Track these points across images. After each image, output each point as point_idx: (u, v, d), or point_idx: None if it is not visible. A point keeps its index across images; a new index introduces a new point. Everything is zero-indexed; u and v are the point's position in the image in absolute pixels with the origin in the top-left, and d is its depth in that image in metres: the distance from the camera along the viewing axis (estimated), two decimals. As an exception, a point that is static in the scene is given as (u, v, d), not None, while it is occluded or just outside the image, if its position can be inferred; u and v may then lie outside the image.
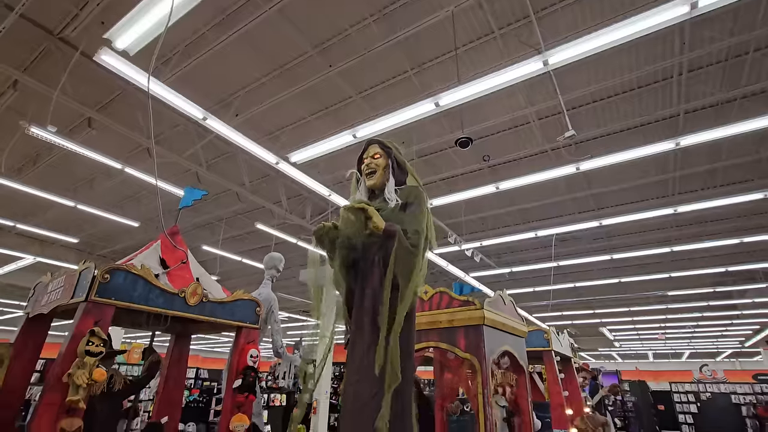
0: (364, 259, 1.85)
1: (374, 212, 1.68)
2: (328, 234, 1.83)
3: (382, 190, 2.00)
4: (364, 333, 1.69)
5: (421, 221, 1.79)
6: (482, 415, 2.00)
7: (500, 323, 2.34)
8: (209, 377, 14.31)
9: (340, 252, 1.82)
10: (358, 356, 1.67)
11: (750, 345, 19.27)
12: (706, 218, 9.32)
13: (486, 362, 2.09)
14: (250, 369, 2.61)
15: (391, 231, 1.69)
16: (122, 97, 6.58)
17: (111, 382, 2.34)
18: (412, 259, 1.67)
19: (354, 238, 1.77)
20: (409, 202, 1.89)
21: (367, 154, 2.09)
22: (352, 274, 1.88)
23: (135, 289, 2.23)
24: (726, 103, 6.51)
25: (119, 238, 12.08)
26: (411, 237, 1.71)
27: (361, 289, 1.79)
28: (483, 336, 2.14)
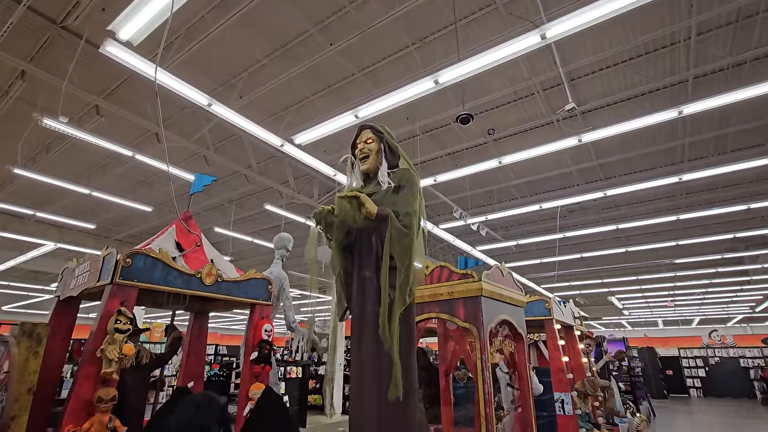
0: (360, 242, 1.95)
1: (366, 199, 1.77)
2: (325, 218, 1.92)
3: (376, 173, 2.09)
4: (364, 313, 1.80)
5: (413, 203, 1.89)
6: (480, 378, 2.16)
7: (498, 294, 2.46)
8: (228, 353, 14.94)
9: (336, 235, 1.92)
10: (360, 336, 1.78)
11: (761, 310, 19.30)
12: (717, 185, 9.23)
13: (484, 331, 2.23)
14: (265, 342, 2.80)
15: (383, 215, 1.78)
16: (128, 84, 6.66)
17: (139, 356, 2.55)
18: (406, 239, 1.77)
19: (349, 223, 1.86)
20: (401, 185, 1.97)
21: (360, 139, 2.17)
22: (349, 257, 1.99)
23: (155, 271, 2.39)
24: (736, 66, 6.35)
25: (134, 222, 12.41)
26: (403, 219, 1.81)
27: (359, 271, 1.91)
28: (481, 306, 2.27)
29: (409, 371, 1.69)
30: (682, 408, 12.66)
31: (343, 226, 1.87)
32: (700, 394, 15.59)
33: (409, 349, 1.75)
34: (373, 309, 1.77)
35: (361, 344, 1.78)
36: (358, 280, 1.89)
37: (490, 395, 2.11)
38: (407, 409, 1.65)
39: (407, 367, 1.67)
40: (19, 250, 12.70)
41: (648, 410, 8.42)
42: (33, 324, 2.43)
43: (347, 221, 1.83)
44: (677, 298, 17.12)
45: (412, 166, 2.12)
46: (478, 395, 2.13)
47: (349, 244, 1.98)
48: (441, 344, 3.06)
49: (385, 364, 1.64)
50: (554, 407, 3.42)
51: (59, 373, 2.89)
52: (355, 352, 1.82)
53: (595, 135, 5.88)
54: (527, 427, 2.52)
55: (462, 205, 9.96)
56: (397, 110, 6.24)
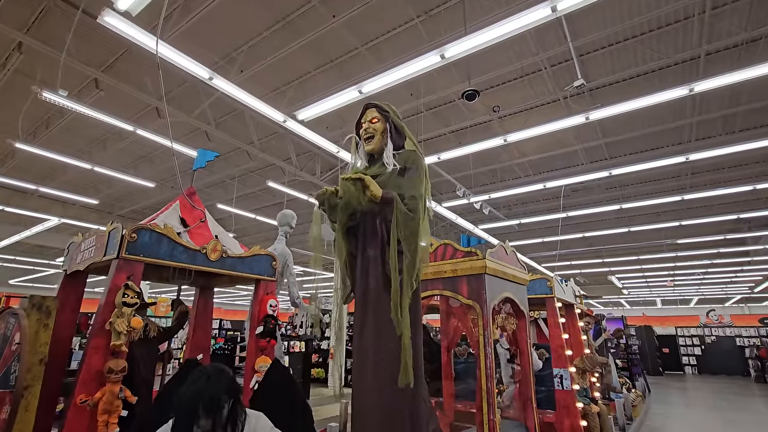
0: (364, 225, 1.91)
1: (371, 181, 1.73)
2: (328, 200, 1.86)
3: (381, 154, 2.03)
4: (369, 297, 1.77)
5: (419, 186, 1.84)
6: (483, 353, 2.19)
7: (501, 272, 2.48)
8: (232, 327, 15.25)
9: (340, 218, 1.87)
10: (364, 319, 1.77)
11: (760, 290, 19.45)
12: (723, 165, 9.13)
13: (487, 307, 2.25)
14: (270, 317, 2.84)
15: (388, 198, 1.74)
16: (127, 56, 6.53)
17: (146, 329, 2.59)
18: (412, 223, 1.74)
19: (353, 206, 1.80)
20: (407, 167, 1.92)
21: (365, 118, 2.08)
22: (353, 240, 1.95)
23: (160, 246, 2.40)
24: (751, 43, 6.16)
25: (136, 198, 12.42)
26: (408, 202, 1.77)
27: (364, 254, 1.88)
28: (484, 284, 2.29)
29: (417, 356, 1.68)
30: (676, 384, 12.95)
31: (347, 208, 1.81)
32: (694, 371, 15.93)
33: (417, 334, 1.74)
34: (377, 293, 1.75)
35: (366, 327, 1.75)
36: (363, 264, 1.86)
37: (491, 370, 2.15)
38: (415, 394, 1.64)
39: (416, 352, 1.67)
40: (24, 225, 12.78)
41: (643, 386, 8.62)
42: (42, 297, 2.46)
43: (351, 204, 1.78)
44: (677, 278, 17.26)
45: (418, 147, 2.05)
46: (480, 370, 2.17)
47: (353, 227, 1.95)
48: (443, 320, 3.10)
49: (389, 348, 1.63)
50: (553, 382, 3.50)
51: (69, 345, 2.95)
52: (357, 335, 1.80)
53: (603, 113, 5.78)
54: (527, 401, 2.58)
55: (465, 183, 9.91)
56: (401, 86, 6.12)
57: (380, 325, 1.69)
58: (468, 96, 5.26)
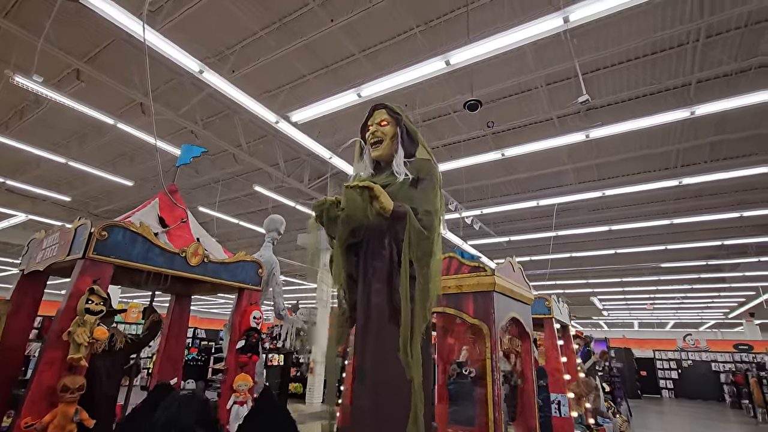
0: (369, 244, 1.63)
1: (381, 191, 1.48)
2: (328, 211, 1.61)
3: (389, 162, 1.77)
4: (371, 328, 1.49)
5: (434, 200, 1.61)
6: (490, 379, 1.99)
7: (509, 290, 2.30)
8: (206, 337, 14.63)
9: (340, 233, 1.60)
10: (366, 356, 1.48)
11: (733, 316, 19.91)
12: (707, 191, 9.29)
13: (495, 328, 2.06)
14: (254, 330, 2.59)
15: (400, 212, 1.49)
16: (112, 48, 6.24)
17: (112, 340, 2.30)
18: (427, 243, 1.49)
19: (357, 219, 1.55)
20: (420, 178, 1.67)
21: (373, 120, 1.82)
22: (353, 260, 1.66)
23: (134, 247, 2.14)
24: (740, 73, 6.31)
25: (112, 197, 11.90)
26: (423, 218, 1.52)
27: (366, 277, 1.59)
28: (493, 302, 2.11)
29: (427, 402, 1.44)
30: (655, 408, 12.94)
31: (350, 222, 1.56)
32: (671, 395, 16.01)
33: (428, 375, 1.50)
34: (381, 325, 1.48)
35: (366, 365, 1.47)
36: (365, 289, 1.57)
37: (499, 398, 1.96)
38: None
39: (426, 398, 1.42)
40: (-13, 220, 12.08)
41: (627, 410, 8.53)
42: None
43: (355, 217, 1.53)
44: (657, 301, 17.49)
45: (432, 156, 1.80)
46: (487, 397, 1.97)
47: (354, 245, 1.66)
48: (440, 338, 2.91)
49: (395, 393, 1.38)
50: (550, 408, 3.32)
51: (22, 352, 2.64)
52: (359, 372, 1.51)
53: (600, 132, 5.76)
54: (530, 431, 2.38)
55: (456, 197, 9.83)
56: (397, 95, 6.00)
57: (384, 364, 1.42)
58: (470, 106, 5.17)
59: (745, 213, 8.17)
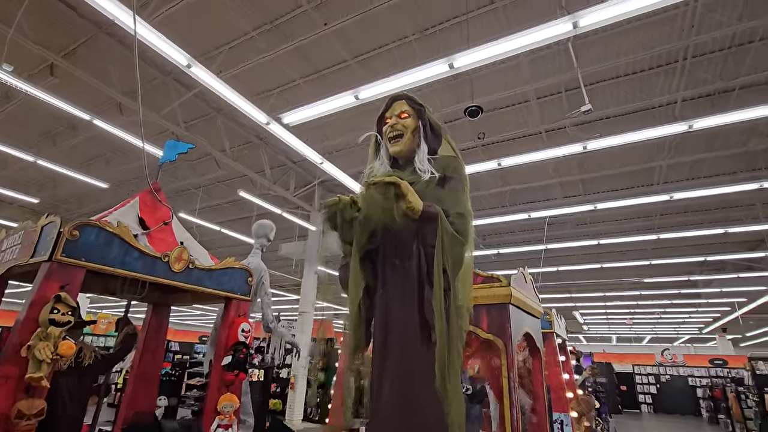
0: (390, 250, 1.42)
1: (409, 188, 1.29)
2: (343, 212, 1.40)
3: (409, 160, 1.58)
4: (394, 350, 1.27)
5: (466, 202, 1.43)
6: (507, 400, 1.82)
7: (523, 302, 2.15)
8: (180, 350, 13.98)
9: (358, 238, 1.39)
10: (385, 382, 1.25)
11: (707, 331, 20.40)
12: (692, 207, 9.49)
13: (512, 344, 1.90)
14: (242, 345, 2.35)
15: (431, 213, 1.30)
16: (91, 43, 5.94)
17: (80, 356, 2.03)
18: (460, 249, 1.31)
19: (378, 221, 1.36)
20: (447, 176, 1.48)
21: (392, 112, 1.62)
22: (369, 269, 1.44)
23: (110, 249, 1.90)
24: (723, 93, 6.47)
25: (84, 200, 11.33)
26: (455, 221, 1.34)
27: (387, 289, 1.38)
28: (509, 316, 1.95)
29: None
30: (635, 423, 13.00)
31: (369, 224, 1.37)
32: (650, 410, 16.16)
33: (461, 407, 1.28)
34: (410, 347, 1.25)
35: (389, 390, 1.25)
36: (386, 304, 1.36)
37: (518, 422, 1.78)
38: None
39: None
40: (-55, 222, 11.30)
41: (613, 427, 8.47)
42: (-63, 308, 1.86)
43: (375, 219, 1.34)
44: (636, 316, 17.76)
45: (458, 152, 1.63)
46: (504, 421, 1.79)
47: (369, 251, 1.45)
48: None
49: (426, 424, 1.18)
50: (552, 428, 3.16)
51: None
52: (377, 401, 1.28)
53: (591, 145, 5.78)
54: (543, 456, 2.21)
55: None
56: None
57: (413, 393, 1.20)
58: (471, 112, 5.09)
59: (730, 229, 8.34)
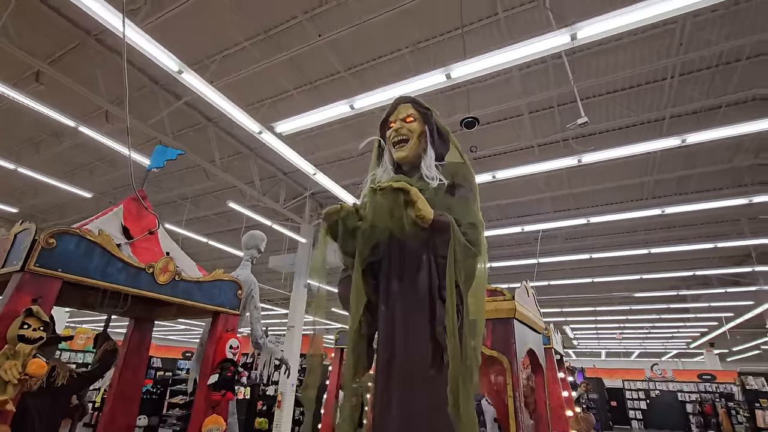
0: (395, 262, 1.32)
1: (419, 195, 1.19)
2: (345, 220, 1.29)
3: (415, 166, 1.49)
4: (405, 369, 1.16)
5: (477, 211, 1.35)
6: (513, 421, 1.72)
7: (526, 317, 2.07)
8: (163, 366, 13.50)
9: (361, 249, 1.29)
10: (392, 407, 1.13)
11: (695, 346, 20.53)
12: (677, 222, 9.61)
13: (516, 361, 1.81)
14: (229, 362, 2.21)
15: (442, 223, 1.20)
16: (79, 50, 5.82)
17: (52, 375, 1.87)
18: (472, 262, 1.24)
19: (385, 231, 1.26)
20: (456, 184, 1.39)
21: (396, 115, 1.54)
22: (372, 284, 1.34)
23: (90, 259, 1.77)
24: (709, 111, 6.61)
25: (67, 211, 11.01)
26: (467, 232, 1.24)
27: (392, 304, 1.27)
28: (514, 331, 1.86)
29: None
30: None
31: (373, 235, 1.27)
32: (641, 426, 16.07)
33: None
34: (419, 369, 1.15)
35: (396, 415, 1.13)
36: (392, 319, 1.25)
37: (525, 445, 1.68)
38: None
39: None
40: None
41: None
42: None
43: (381, 228, 1.25)
44: (625, 330, 17.80)
45: (467, 159, 1.54)
46: (510, 444, 1.69)
47: (373, 264, 1.35)
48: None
49: None
50: (551, 449, 3.05)
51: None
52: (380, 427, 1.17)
53: (589, 158, 5.85)
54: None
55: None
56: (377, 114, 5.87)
57: (424, 419, 1.10)
58: (467, 124, 5.09)
59: (719, 244, 8.45)
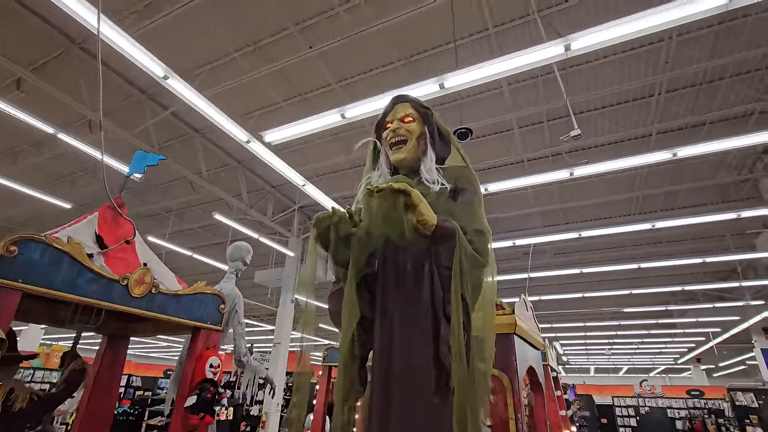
0: (392, 273, 1.18)
1: (421, 198, 1.06)
2: (338, 226, 1.15)
3: (413, 170, 1.36)
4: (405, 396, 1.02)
5: (483, 217, 1.24)
6: (515, 446, 1.60)
7: (526, 333, 1.97)
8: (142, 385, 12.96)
9: (355, 258, 1.15)
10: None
11: (682, 362, 20.63)
12: (664, 238, 9.70)
13: (518, 380, 1.70)
14: (209, 382, 2.05)
15: (447, 229, 1.07)
16: (63, 58, 5.69)
17: (9, 398, 1.70)
18: (479, 273, 1.13)
19: (381, 238, 1.14)
20: (459, 188, 1.28)
21: (394, 115, 1.41)
22: (366, 297, 1.20)
23: (57, 269, 1.62)
24: (694, 127, 6.74)
25: (45, 223, 10.64)
26: (473, 240, 1.13)
27: (389, 321, 1.13)
28: (514, 347, 1.75)
29: None
30: (619, 459, 12.71)
31: (370, 242, 1.14)
32: (631, 444, 15.89)
33: None
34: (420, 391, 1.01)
35: None
36: (389, 338, 1.11)
37: (529, 472, 1.56)
38: None
39: None
40: None
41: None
42: None
43: (377, 233, 1.11)
44: (614, 346, 17.80)
45: (469, 163, 1.43)
46: (513, 471, 1.57)
47: (367, 276, 1.22)
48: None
49: None
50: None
51: None
52: None
53: (580, 172, 5.88)
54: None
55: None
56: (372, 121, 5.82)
57: None
58: (460, 135, 5.06)
59: (708, 259, 8.53)
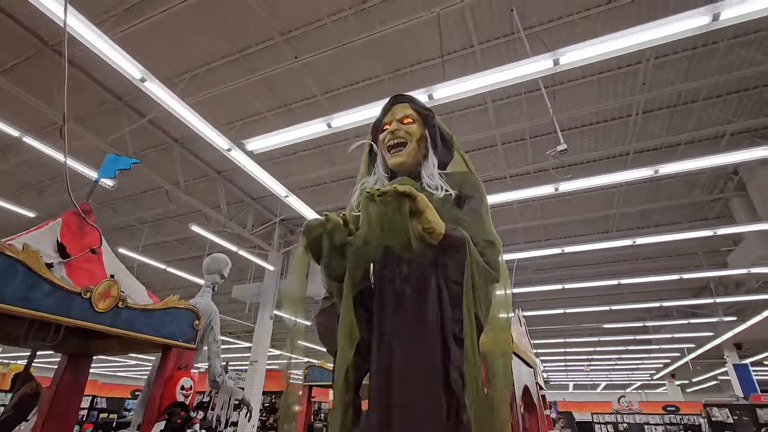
0: (391, 288, 1.07)
1: (427, 204, 0.95)
2: (331, 234, 1.01)
3: (414, 175, 1.23)
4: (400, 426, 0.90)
5: (492, 227, 1.14)
6: (514, 474, 1.49)
7: (521, 351, 1.88)
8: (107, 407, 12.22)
9: (351, 270, 1.03)
10: None
11: (658, 377, 20.97)
12: (640, 255, 9.91)
13: (516, 401, 1.60)
14: (179, 406, 1.88)
15: (456, 239, 0.96)
16: (35, 60, 5.45)
17: (-55, 428, 1.50)
18: (491, 288, 1.04)
19: (380, 248, 1.00)
20: (465, 195, 1.17)
21: (392, 116, 1.29)
22: (363, 315, 1.08)
23: (8, 281, 1.45)
24: (668, 147, 6.96)
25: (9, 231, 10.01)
26: (484, 251, 1.02)
27: (386, 342, 1.01)
28: (511, 365, 1.66)
29: None
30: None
31: (368, 252, 1.01)
32: (610, 461, 15.89)
33: None
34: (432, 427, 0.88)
35: None
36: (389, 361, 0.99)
37: (528, 502, 1.45)
38: None
39: None
40: None
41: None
42: None
43: (376, 243, 0.97)
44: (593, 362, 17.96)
45: (473, 168, 1.31)
46: (511, 502, 1.45)
47: (363, 291, 1.10)
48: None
49: None
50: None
51: None
52: None
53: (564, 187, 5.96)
54: None
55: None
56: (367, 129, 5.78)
57: None
58: None
59: (685, 275, 8.73)
